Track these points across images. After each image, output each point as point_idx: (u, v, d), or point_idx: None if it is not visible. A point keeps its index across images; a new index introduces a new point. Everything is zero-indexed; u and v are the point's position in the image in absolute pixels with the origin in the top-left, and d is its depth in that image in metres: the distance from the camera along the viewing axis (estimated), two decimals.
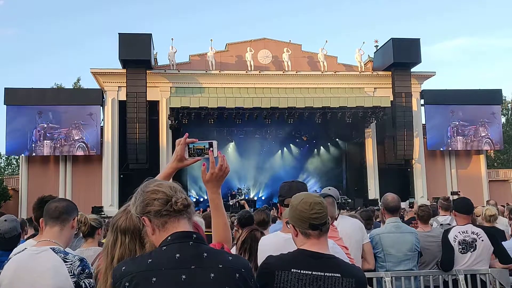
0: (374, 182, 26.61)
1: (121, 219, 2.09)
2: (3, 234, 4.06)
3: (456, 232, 4.78)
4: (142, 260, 1.80)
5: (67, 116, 24.94)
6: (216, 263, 1.80)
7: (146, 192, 1.88)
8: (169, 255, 1.78)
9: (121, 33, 24.49)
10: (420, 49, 25.87)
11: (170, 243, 1.81)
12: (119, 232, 2.07)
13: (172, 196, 1.84)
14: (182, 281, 1.73)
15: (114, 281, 1.79)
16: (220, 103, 23.64)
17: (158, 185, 1.89)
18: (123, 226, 2.06)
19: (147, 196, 1.86)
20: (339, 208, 4.50)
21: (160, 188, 1.87)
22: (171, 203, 1.83)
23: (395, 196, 4.83)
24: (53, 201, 2.97)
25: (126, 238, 2.05)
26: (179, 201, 1.84)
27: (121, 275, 1.77)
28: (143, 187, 1.91)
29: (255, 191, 29.25)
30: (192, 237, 1.84)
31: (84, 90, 30.47)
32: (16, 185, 26.14)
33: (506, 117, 45.41)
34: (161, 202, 1.83)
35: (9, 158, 45.56)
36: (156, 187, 1.87)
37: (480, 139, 27.92)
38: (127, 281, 1.74)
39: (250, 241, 3.63)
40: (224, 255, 1.90)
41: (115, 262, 1.99)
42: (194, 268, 1.76)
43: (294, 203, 2.32)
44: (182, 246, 1.80)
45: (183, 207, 1.85)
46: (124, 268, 1.78)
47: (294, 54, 26.95)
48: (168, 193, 1.85)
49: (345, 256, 2.69)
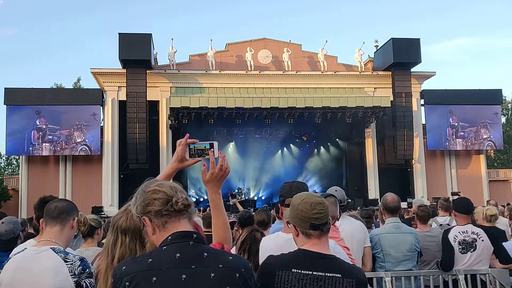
0: (374, 182, 26.62)
1: (121, 219, 2.09)
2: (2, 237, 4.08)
3: (456, 232, 4.78)
4: (142, 260, 1.80)
5: (67, 116, 24.91)
6: (216, 263, 1.80)
7: (146, 192, 1.88)
8: (169, 255, 1.78)
9: (121, 33, 24.48)
10: (420, 49, 25.86)
11: (170, 243, 1.81)
12: (119, 232, 2.07)
13: (173, 196, 1.85)
14: (182, 280, 1.74)
15: (114, 281, 1.79)
16: (220, 103, 23.63)
17: (159, 185, 1.89)
18: (124, 226, 2.07)
19: (148, 196, 1.86)
20: (344, 210, 4.50)
21: (161, 188, 1.87)
22: (172, 203, 1.83)
23: (395, 197, 4.83)
24: (53, 201, 2.98)
25: (127, 238, 2.05)
26: (179, 201, 1.84)
27: (121, 274, 1.77)
28: (143, 187, 1.91)
29: (255, 191, 29.26)
30: (192, 237, 1.84)
31: (84, 90, 30.45)
32: (16, 185, 26.13)
33: (506, 117, 45.42)
34: (162, 202, 1.84)
35: (9, 158, 45.58)
36: (156, 187, 1.88)
37: (480, 139, 27.92)
38: (128, 280, 1.74)
39: (250, 241, 3.63)
40: (224, 255, 1.90)
41: (116, 262, 2.00)
42: (194, 268, 1.76)
43: (295, 203, 2.32)
44: (182, 246, 1.81)
45: (183, 207, 1.85)
46: (125, 267, 1.79)
47: (294, 54, 26.95)
48: (169, 193, 1.85)
49: (346, 256, 2.69)
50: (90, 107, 25.19)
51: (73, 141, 24.92)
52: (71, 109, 24.97)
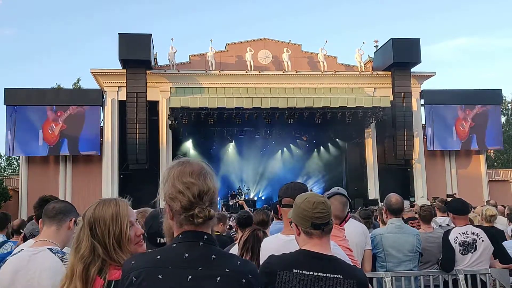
0: (374, 182, 26.61)
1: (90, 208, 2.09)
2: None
3: (457, 233, 4.78)
4: (151, 256, 1.81)
5: (67, 116, 24.92)
6: (223, 267, 1.77)
7: (175, 182, 1.79)
8: (177, 253, 1.78)
9: (121, 33, 24.46)
10: (420, 49, 25.86)
11: (180, 241, 1.80)
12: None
13: (196, 205, 1.77)
14: (187, 281, 1.73)
15: (123, 274, 1.80)
16: (220, 103, 23.61)
17: (190, 182, 1.79)
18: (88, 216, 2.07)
19: (175, 190, 1.79)
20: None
21: (190, 187, 1.78)
22: (193, 213, 1.77)
23: (399, 198, 4.82)
24: (52, 202, 2.99)
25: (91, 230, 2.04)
26: (201, 214, 1.77)
27: (130, 269, 1.78)
28: (178, 172, 1.81)
29: (255, 191, 29.27)
30: (203, 237, 1.81)
31: (84, 90, 30.45)
32: (16, 185, 26.12)
33: (506, 117, 45.43)
34: (183, 205, 1.77)
35: (9, 158, 45.56)
36: (187, 184, 1.78)
37: (480, 139, 27.91)
38: (135, 275, 1.75)
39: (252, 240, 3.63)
40: (232, 259, 1.86)
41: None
42: (200, 270, 1.75)
43: (298, 202, 2.32)
44: (191, 246, 1.79)
45: (202, 221, 1.78)
46: (133, 262, 1.80)
47: (294, 54, 26.94)
48: (193, 198, 1.77)
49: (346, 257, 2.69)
50: (90, 107, 25.19)
51: (73, 141, 24.92)
52: (71, 109, 24.98)
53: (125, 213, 2.09)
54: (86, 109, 25.17)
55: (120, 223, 2.05)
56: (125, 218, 2.07)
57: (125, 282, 1.77)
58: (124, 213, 2.08)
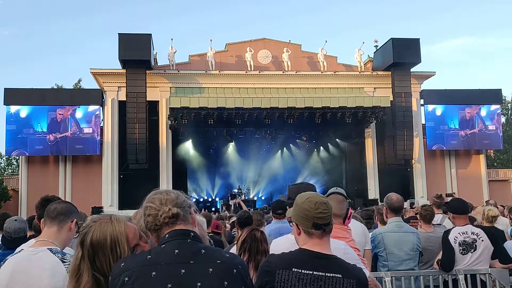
0: (374, 182, 26.61)
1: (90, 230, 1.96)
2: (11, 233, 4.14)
3: (456, 233, 4.78)
4: (141, 257, 1.84)
5: (67, 116, 24.91)
6: (214, 259, 1.86)
7: (144, 209, 2.00)
8: (168, 251, 1.83)
9: (121, 33, 24.43)
10: (420, 49, 25.85)
11: (168, 240, 1.87)
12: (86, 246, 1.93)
13: (159, 210, 1.94)
14: (181, 275, 1.78)
15: (112, 277, 1.80)
16: (220, 103, 23.60)
17: (152, 200, 1.98)
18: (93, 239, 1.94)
19: (143, 213, 2.00)
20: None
21: (152, 204, 1.97)
22: (158, 218, 1.93)
23: (399, 197, 4.85)
24: (54, 202, 3.01)
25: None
26: (163, 215, 1.92)
27: (120, 271, 1.79)
28: (144, 203, 2.03)
29: (255, 191, 29.27)
30: (190, 235, 1.91)
31: (84, 90, 30.45)
32: (16, 185, 26.11)
33: (506, 117, 45.42)
34: (152, 218, 1.95)
35: (9, 158, 45.52)
36: (149, 203, 1.98)
37: (480, 139, 27.92)
38: (127, 276, 1.76)
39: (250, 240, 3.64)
40: (221, 252, 1.97)
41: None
42: (192, 263, 1.81)
43: (299, 202, 2.33)
44: (180, 243, 1.87)
45: (168, 219, 1.92)
46: (123, 264, 1.81)
47: (294, 54, 26.93)
48: (157, 207, 1.95)
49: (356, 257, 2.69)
50: (90, 108, 25.19)
51: (73, 141, 24.91)
52: (71, 109, 24.98)
53: (123, 235, 1.94)
54: (86, 109, 25.20)
55: (120, 250, 1.91)
56: (124, 243, 1.92)
57: (117, 284, 1.76)
58: (122, 237, 1.93)
